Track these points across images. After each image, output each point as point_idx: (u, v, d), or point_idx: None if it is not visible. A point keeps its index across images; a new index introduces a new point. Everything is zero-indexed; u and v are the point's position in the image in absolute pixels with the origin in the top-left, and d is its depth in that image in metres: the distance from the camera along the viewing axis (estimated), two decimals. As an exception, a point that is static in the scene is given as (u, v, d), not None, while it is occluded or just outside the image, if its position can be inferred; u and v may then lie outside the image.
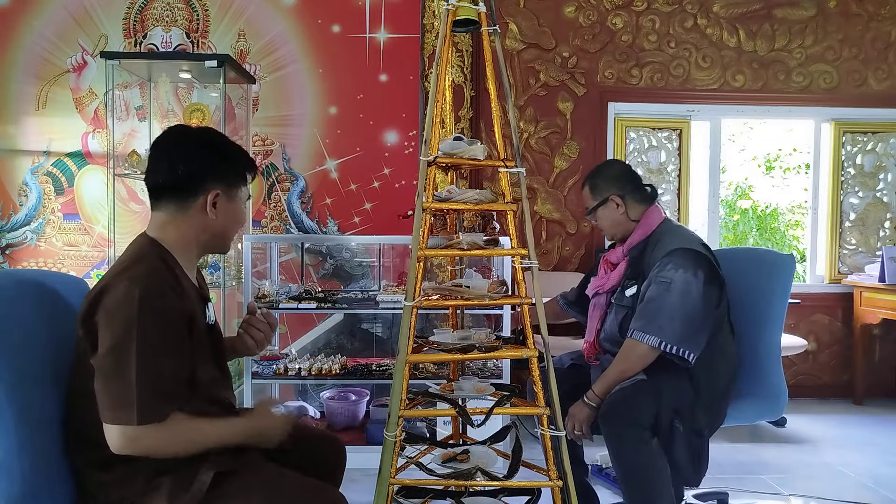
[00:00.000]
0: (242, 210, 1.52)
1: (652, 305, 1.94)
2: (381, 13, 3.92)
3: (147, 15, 3.89)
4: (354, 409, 3.28)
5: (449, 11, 1.64)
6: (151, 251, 1.38)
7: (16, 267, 3.84)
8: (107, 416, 1.23)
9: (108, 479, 1.30)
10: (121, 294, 1.24)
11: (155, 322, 1.25)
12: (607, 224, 2.17)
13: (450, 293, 1.62)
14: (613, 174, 2.17)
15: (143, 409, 1.22)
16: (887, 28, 4.38)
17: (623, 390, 1.94)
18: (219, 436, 1.33)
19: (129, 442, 1.23)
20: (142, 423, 1.22)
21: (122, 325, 1.23)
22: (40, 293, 1.40)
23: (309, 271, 3.88)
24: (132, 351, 1.22)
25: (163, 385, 1.25)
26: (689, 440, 1.92)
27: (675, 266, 1.94)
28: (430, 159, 1.60)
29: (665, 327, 1.90)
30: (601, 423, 1.92)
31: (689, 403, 1.93)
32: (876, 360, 4.39)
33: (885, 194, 4.51)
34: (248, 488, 1.29)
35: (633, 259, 2.10)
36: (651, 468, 1.85)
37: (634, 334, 1.95)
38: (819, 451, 3.32)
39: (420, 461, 1.66)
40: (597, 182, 2.17)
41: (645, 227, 2.11)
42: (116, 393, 1.22)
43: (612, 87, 4.30)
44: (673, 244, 2.00)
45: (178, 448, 1.28)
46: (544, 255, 4.30)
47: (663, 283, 1.93)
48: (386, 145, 3.96)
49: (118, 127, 3.66)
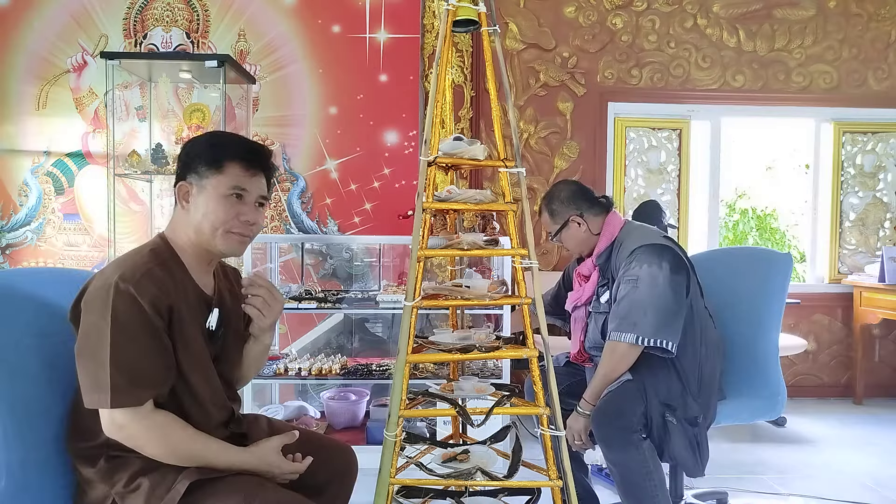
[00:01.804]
0: (221, 201, 1.37)
1: (623, 304, 1.97)
2: (381, 13, 3.93)
3: (147, 15, 3.89)
4: (354, 409, 3.28)
5: (449, 11, 1.64)
6: (153, 245, 1.38)
7: (16, 267, 3.84)
8: (86, 398, 1.25)
9: (90, 474, 1.31)
10: (100, 282, 1.27)
11: (126, 306, 1.24)
12: (573, 244, 2.22)
13: (450, 293, 1.62)
14: (567, 195, 2.21)
15: (115, 391, 1.22)
16: (887, 28, 4.39)
17: (610, 394, 1.96)
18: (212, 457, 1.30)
19: (117, 428, 1.24)
20: (115, 406, 1.23)
21: (96, 309, 1.25)
22: (32, 290, 1.41)
23: (309, 271, 3.88)
24: (105, 334, 1.23)
25: (136, 369, 1.24)
26: (685, 430, 1.93)
27: (640, 262, 1.98)
28: (430, 159, 1.60)
29: (639, 322, 1.92)
30: (594, 429, 1.94)
31: (678, 394, 1.95)
32: (876, 360, 4.39)
33: (884, 194, 4.51)
34: (223, 499, 1.25)
35: (602, 266, 2.16)
36: (642, 471, 1.87)
37: (612, 335, 1.97)
38: (819, 451, 3.32)
39: (420, 461, 1.66)
40: (553, 207, 2.21)
41: (608, 234, 2.16)
42: (92, 375, 1.24)
43: (612, 87, 4.30)
44: (634, 243, 2.04)
45: (162, 450, 1.27)
46: (544, 255, 4.30)
47: (630, 281, 1.97)
48: (386, 145, 3.96)
49: (118, 127, 3.66)
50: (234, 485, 1.27)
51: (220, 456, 1.32)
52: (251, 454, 1.36)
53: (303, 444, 1.47)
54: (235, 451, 1.35)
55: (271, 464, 1.37)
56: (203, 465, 1.29)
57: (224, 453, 1.33)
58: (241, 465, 1.33)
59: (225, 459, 1.32)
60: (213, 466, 1.30)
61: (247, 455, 1.35)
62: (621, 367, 1.97)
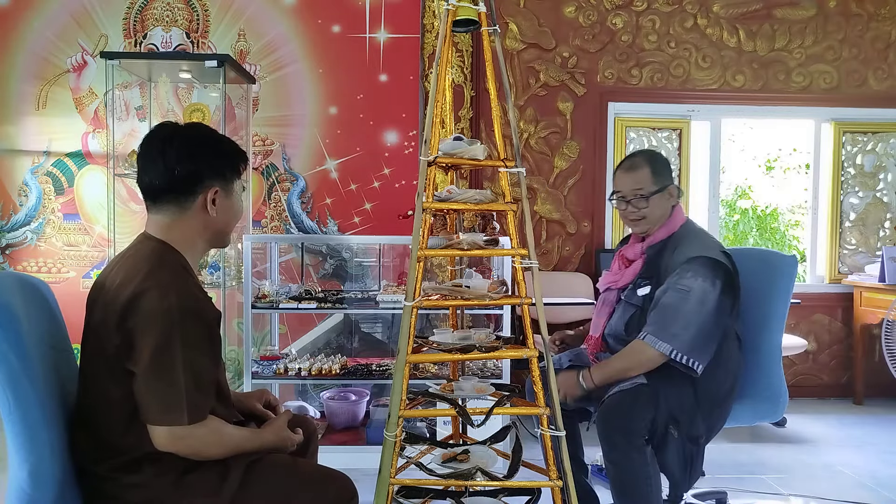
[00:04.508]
0: (240, 203, 1.55)
1: (668, 311, 1.90)
2: (381, 13, 3.92)
3: (147, 15, 3.89)
4: (354, 409, 3.28)
5: (449, 11, 1.64)
6: (168, 255, 1.40)
7: (16, 267, 3.84)
8: (155, 418, 1.28)
9: (137, 480, 1.32)
10: (156, 300, 1.28)
11: (194, 325, 1.32)
12: (656, 214, 2.06)
13: (450, 293, 1.62)
14: (667, 163, 2.09)
15: (191, 409, 1.29)
16: (887, 28, 4.38)
17: (622, 394, 1.91)
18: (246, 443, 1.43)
19: (177, 441, 1.30)
20: (191, 423, 1.29)
21: (163, 330, 1.28)
22: (34, 290, 1.42)
23: (309, 271, 3.88)
24: (176, 354, 1.28)
25: (203, 385, 1.33)
26: (683, 446, 1.90)
27: (695, 275, 1.91)
28: (430, 159, 1.60)
29: (679, 336, 1.88)
30: (597, 425, 1.90)
31: (688, 410, 1.91)
32: (876, 360, 4.38)
33: (885, 194, 4.51)
34: (271, 473, 1.40)
35: (651, 258, 2.05)
36: (642, 475, 1.84)
37: (647, 338, 1.91)
38: (819, 451, 3.32)
39: (420, 461, 1.66)
40: (658, 166, 2.06)
41: (669, 226, 2.07)
42: (163, 395, 1.28)
43: (612, 87, 4.30)
44: (694, 250, 1.96)
45: (219, 450, 1.36)
46: (544, 255, 4.30)
47: (682, 291, 1.90)
48: (386, 145, 3.96)
49: (118, 127, 3.66)
50: (274, 464, 1.43)
51: (252, 441, 1.45)
52: (269, 433, 1.51)
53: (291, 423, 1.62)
54: (259, 434, 1.49)
55: (285, 438, 1.53)
56: (241, 452, 1.41)
57: (253, 438, 1.46)
58: (266, 443, 1.47)
59: (256, 443, 1.45)
60: (247, 451, 1.42)
61: (266, 434, 1.50)
62: (641, 369, 1.93)
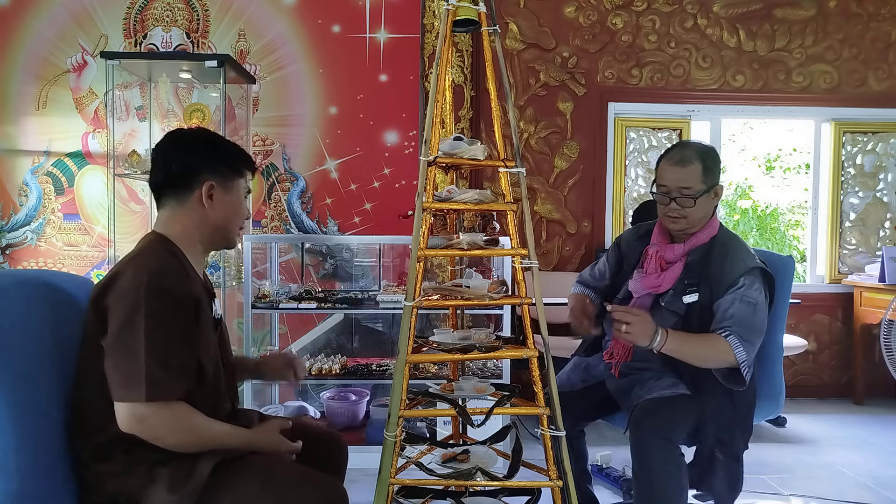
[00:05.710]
0: (242, 202, 1.55)
1: (747, 323, 1.81)
2: (381, 13, 3.93)
3: (147, 15, 3.89)
4: (354, 409, 3.28)
5: (449, 11, 1.64)
6: (160, 244, 1.44)
7: (16, 267, 3.84)
8: (117, 394, 1.27)
9: (107, 469, 1.31)
10: (129, 278, 1.31)
11: (162, 303, 1.30)
12: (698, 215, 1.90)
13: (450, 293, 1.62)
14: (719, 159, 1.93)
15: (150, 385, 1.25)
16: (887, 28, 4.38)
17: (661, 400, 1.83)
18: (226, 440, 1.36)
19: (137, 421, 1.26)
20: (150, 400, 1.25)
21: (130, 305, 1.28)
22: (37, 290, 1.40)
23: (309, 271, 3.88)
24: (140, 329, 1.27)
25: (170, 365, 1.29)
26: (729, 468, 1.86)
27: (759, 288, 1.85)
28: (430, 159, 1.60)
29: (754, 347, 1.83)
30: (631, 427, 1.81)
31: (728, 427, 1.85)
32: (876, 360, 4.38)
33: (885, 194, 4.51)
34: (245, 476, 1.31)
35: (692, 262, 1.92)
36: (677, 486, 1.77)
37: (731, 338, 1.79)
38: (819, 451, 3.32)
39: (420, 461, 1.66)
40: (710, 164, 1.89)
41: (710, 228, 1.94)
42: (126, 370, 1.26)
43: (612, 87, 4.30)
44: (748, 260, 1.88)
45: (184, 439, 1.31)
46: (544, 255, 4.30)
47: (751, 305, 1.82)
48: (386, 145, 3.96)
49: (118, 127, 3.66)
50: (251, 463, 1.34)
51: (233, 437, 1.38)
52: (259, 433, 1.44)
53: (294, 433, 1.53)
54: (245, 432, 1.42)
55: (276, 442, 1.45)
56: (218, 447, 1.34)
57: (236, 435, 1.39)
58: (252, 443, 1.40)
59: (238, 440, 1.38)
60: (226, 448, 1.35)
61: (255, 434, 1.43)
62: (710, 365, 1.83)
